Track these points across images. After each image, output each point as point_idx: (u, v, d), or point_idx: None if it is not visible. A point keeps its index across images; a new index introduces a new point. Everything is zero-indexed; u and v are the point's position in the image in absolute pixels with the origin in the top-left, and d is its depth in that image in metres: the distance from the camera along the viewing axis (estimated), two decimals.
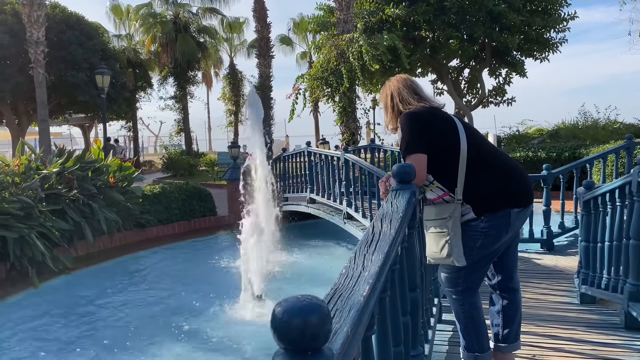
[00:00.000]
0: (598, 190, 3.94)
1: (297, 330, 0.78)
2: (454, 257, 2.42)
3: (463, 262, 2.42)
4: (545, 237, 6.34)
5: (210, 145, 42.10)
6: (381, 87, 2.81)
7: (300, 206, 9.82)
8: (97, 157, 10.01)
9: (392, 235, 1.60)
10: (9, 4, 17.76)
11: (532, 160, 12.52)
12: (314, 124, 30.13)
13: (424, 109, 2.55)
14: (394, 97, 2.62)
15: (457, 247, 2.41)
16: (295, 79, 17.20)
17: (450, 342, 3.25)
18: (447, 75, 18.57)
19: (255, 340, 5.18)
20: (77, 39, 18.40)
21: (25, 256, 7.25)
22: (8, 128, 20.30)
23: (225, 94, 27.31)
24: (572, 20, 16.49)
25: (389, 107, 2.66)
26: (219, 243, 10.09)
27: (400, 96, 2.60)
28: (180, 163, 20.87)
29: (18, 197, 7.59)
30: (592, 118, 17.02)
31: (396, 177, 2.19)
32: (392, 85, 2.67)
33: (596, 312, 3.90)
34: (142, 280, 8.02)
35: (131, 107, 23.91)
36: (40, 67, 15.17)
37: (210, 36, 26.87)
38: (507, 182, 2.50)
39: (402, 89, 2.62)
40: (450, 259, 2.43)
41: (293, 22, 30.96)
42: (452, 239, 2.42)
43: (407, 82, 2.66)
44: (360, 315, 1.06)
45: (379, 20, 16.05)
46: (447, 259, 2.45)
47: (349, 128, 16.44)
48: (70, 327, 5.96)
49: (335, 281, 1.24)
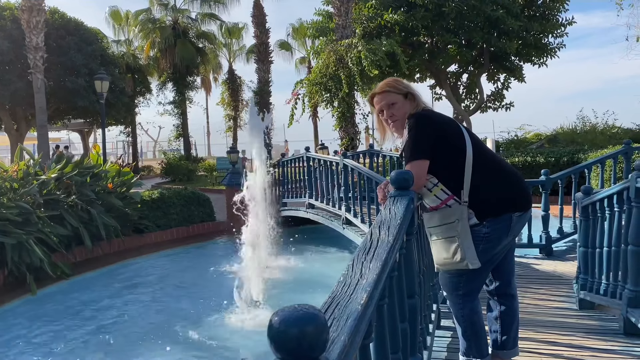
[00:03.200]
0: (596, 195, 3.94)
1: (294, 340, 0.78)
2: (467, 260, 2.38)
3: (477, 264, 2.38)
4: (544, 243, 6.34)
5: (209, 151, 42.14)
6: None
7: (299, 211, 9.81)
8: (96, 162, 10.01)
9: (390, 243, 1.60)
10: (8, 10, 17.79)
11: (531, 165, 12.53)
12: (313, 129, 30.22)
13: (434, 112, 2.54)
14: (413, 92, 2.51)
15: (470, 249, 2.38)
16: (294, 84, 17.23)
17: (449, 349, 3.25)
18: (445, 81, 18.62)
19: (252, 348, 5.17)
20: (76, 44, 18.43)
21: (23, 262, 7.22)
22: (7, 134, 20.29)
23: (224, 99, 27.38)
24: (570, 25, 16.58)
25: (404, 102, 2.52)
26: (217, 249, 10.08)
27: (413, 93, 2.52)
28: (179, 168, 20.88)
29: (16, 203, 7.57)
30: (591, 123, 17.09)
31: (394, 183, 2.19)
32: (403, 82, 2.56)
33: (595, 317, 3.89)
34: (141, 287, 8.00)
35: (130, 112, 23.94)
36: (39, 73, 15.18)
37: (209, 41, 26.96)
38: (508, 187, 2.50)
39: (413, 87, 2.56)
40: (464, 262, 2.39)
41: (292, 27, 31.11)
42: (463, 242, 2.38)
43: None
44: (357, 323, 1.06)
45: (378, 25, 16.10)
46: (461, 263, 2.40)
47: (347, 133, 16.45)
48: (67, 333, 5.93)
49: (333, 289, 1.24)
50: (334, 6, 16.93)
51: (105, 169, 9.75)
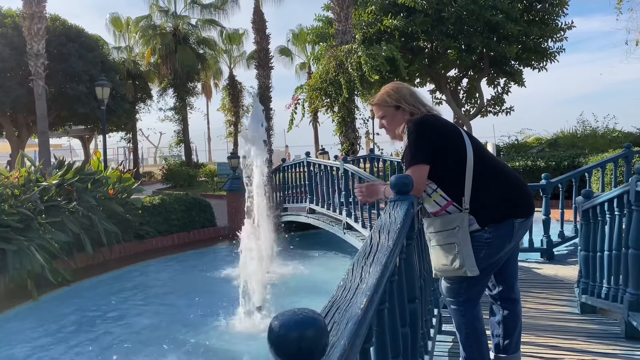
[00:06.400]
0: (597, 199, 3.94)
1: (293, 344, 0.78)
2: (466, 268, 2.37)
3: (476, 271, 2.38)
4: (545, 247, 6.33)
5: (210, 156, 42.14)
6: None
7: (300, 216, 9.81)
8: (97, 168, 10.02)
9: (390, 247, 1.60)
10: (10, 17, 17.85)
11: (531, 169, 12.54)
12: (314, 134, 30.21)
13: (433, 117, 2.53)
14: (406, 101, 2.54)
15: (469, 257, 2.37)
16: (294, 89, 17.26)
17: (450, 353, 3.24)
18: (445, 85, 18.66)
19: (253, 353, 5.15)
20: (77, 51, 18.48)
21: (24, 269, 7.22)
22: (8, 140, 20.31)
23: (225, 105, 27.37)
24: (569, 29, 16.63)
25: (395, 113, 2.56)
26: (218, 254, 10.07)
27: (407, 102, 2.53)
28: (180, 174, 20.88)
29: (17, 209, 7.58)
30: (591, 127, 17.10)
31: (394, 188, 2.19)
32: (398, 91, 2.58)
33: (596, 321, 3.89)
34: (142, 292, 7.98)
35: (131, 118, 23.96)
36: (41, 80, 15.22)
37: (209, 48, 27.00)
38: (510, 192, 2.49)
39: (409, 96, 2.55)
40: (462, 269, 2.38)
41: (292, 33, 31.14)
42: (462, 250, 2.38)
43: (410, 90, 2.61)
44: (357, 327, 1.06)
45: (377, 31, 16.16)
46: (459, 271, 2.40)
47: (348, 138, 16.47)
48: (69, 339, 5.92)
49: (332, 293, 1.24)
50: (334, 12, 16.98)
51: (106, 175, 9.76)
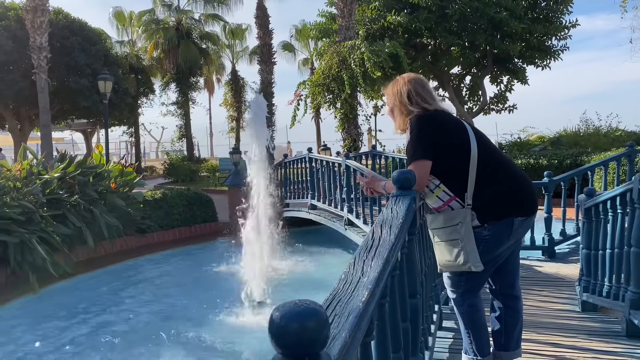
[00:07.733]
0: (599, 197, 3.93)
1: (294, 335, 0.77)
2: (470, 264, 2.38)
3: (481, 267, 2.39)
4: (547, 245, 6.32)
5: (212, 151, 42.13)
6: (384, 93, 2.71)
7: (302, 212, 9.81)
8: (99, 162, 10.02)
9: (391, 241, 1.59)
10: (13, 10, 17.84)
11: (534, 167, 12.50)
12: (316, 130, 30.17)
13: (436, 112, 2.50)
14: (411, 96, 2.50)
15: (473, 252, 2.38)
16: (297, 85, 17.21)
17: (450, 350, 3.24)
18: (448, 82, 18.61)
19: (255, 346, 5.16)
20: (80, 44, 18.46)
21: (25, 261, 7.24)
22: (10, 133, 20.32)
23: (227, 100, 27.33)
24: (573, 27, 16.54)
25: (401, 106, 2.54)
26: (219, 249, 10.07)
27: (413, 96, 2.50)
28: (182, 169, 20.88)
29: (19, 202, 7.59)
30: (594, 125, 17.01)
31: (396, 183, 2.18)
32: (406, 84, 2.54)
33: (598, 320, 3.88)
34: (143, 286, 8.00)
35: (133, 112, 23.96)
36: (43, 73, 15.21)
37: (212, 42, 26.95)
38: (513, 190, 2.48)
39: (418, 89, 2.51)
40: (467, 265, 2.39)
41: (295, 28, 31.06)
42: (466, 245, 2.38)
43: (422, 82, 2.57)
44: (359, 320, 1.06)
45: (381, 27, 16.11)
46: (464, 266, 2.40)
47: (350, 134, 16.42)
48: (69, 332, 5.94)
49: (334, 286, 1.24)
50: (337, 8, 16.91)
51: (108, 169, 9.77)
